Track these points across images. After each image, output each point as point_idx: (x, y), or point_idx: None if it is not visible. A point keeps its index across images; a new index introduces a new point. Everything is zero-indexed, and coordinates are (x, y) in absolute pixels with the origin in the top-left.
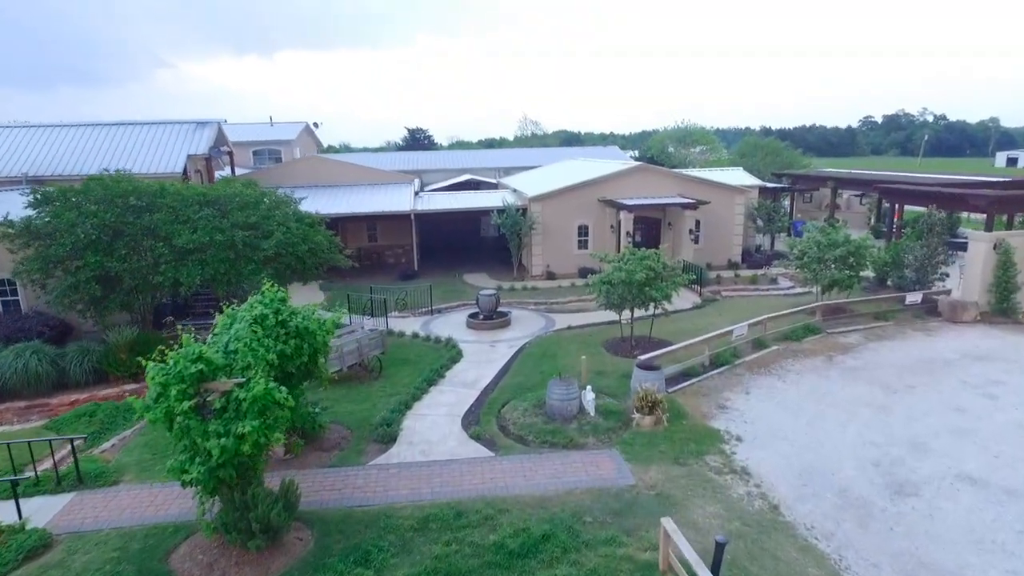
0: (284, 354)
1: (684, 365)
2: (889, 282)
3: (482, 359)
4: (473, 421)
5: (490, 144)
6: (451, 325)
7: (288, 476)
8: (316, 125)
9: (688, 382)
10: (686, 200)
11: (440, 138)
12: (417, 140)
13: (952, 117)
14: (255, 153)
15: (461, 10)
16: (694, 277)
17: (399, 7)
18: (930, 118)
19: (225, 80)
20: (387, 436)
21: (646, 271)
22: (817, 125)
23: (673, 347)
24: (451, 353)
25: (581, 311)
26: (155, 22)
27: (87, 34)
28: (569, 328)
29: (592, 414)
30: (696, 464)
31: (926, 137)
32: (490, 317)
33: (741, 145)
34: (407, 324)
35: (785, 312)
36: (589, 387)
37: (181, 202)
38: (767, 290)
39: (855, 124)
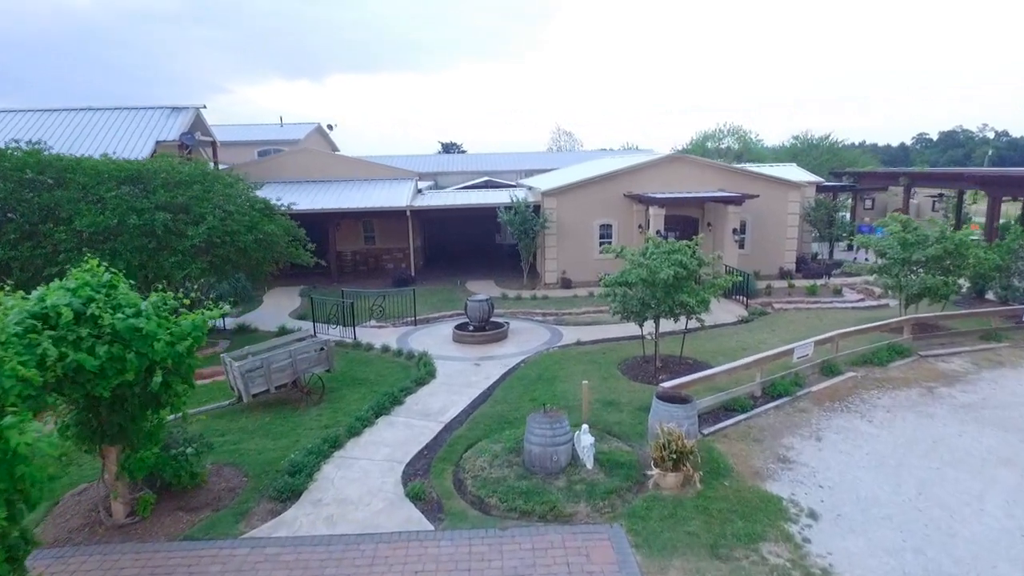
0: (81, 368)
1: (726, 396)
2: (990, 294)
3: (459, 381)
4: (420, 470)
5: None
6: (434, 338)
7: (104, 554)
8: (331, 127)
9: (732, 420)
10: (729, 194)
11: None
12: (449, 153)
13: (1015, 133)
14: (260, 153)
15: (502, 38)
16: (740, 279)
17: (443, 35)
18: (991, 135)
19: (277, 103)
20: (288, 490)
21: (675, 268)
22: (867, 143)
23: (711, 371)
24: (421, 372)
25: (596, 323)
26: (211, 51)
27: (146, 63)
28: (579, 344)
29: (589, 466)
30: (746, 559)
31: (989, 152)
32: (482, 328)
33: (792, 145)
34: (382, 336)
35: (860, 328)
36: (586, 427)
37: (94, 178)
38: (830, 303)
39: (908, 142)
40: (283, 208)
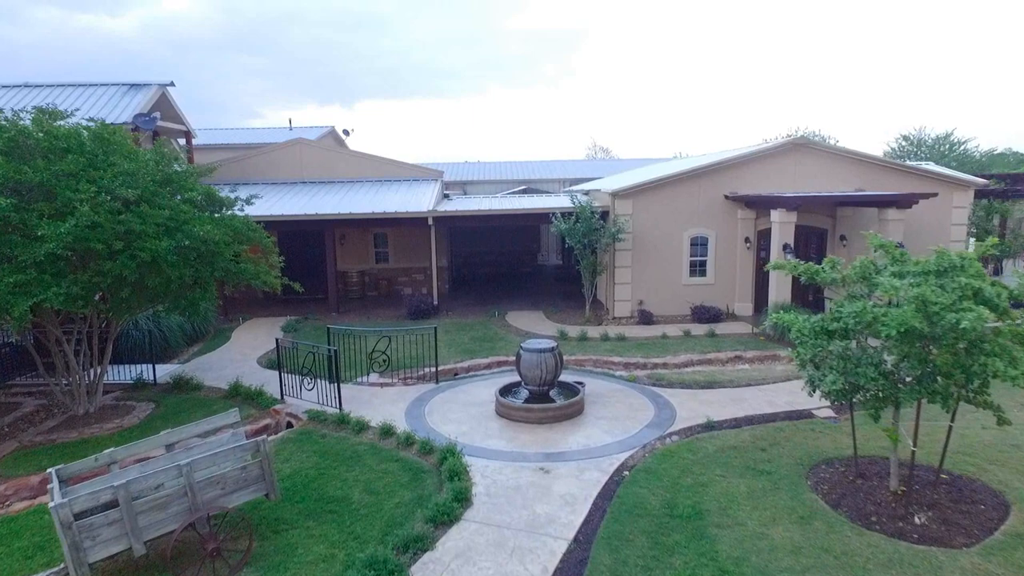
0: None
1: None
2: None
3: (515, 519)
4: None
5: None
6: (465, 408)
7: None
8: (347, 132)
9: None
10: (891, 194)
11: None
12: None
13: None
14: None
15: (533, 65)
16: None
17: (472, 63)
18: None
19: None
20: None
21: (978, 307)
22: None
23: None
24: (445, 497)
25: (716, 384)
26: (248, 78)
27: (183, 88)
28: (709, 427)
29: None
30: None
31: None
32: (543, 395)
33: (898, 144)
34: (384, 400)
35: None
36: None
37: None
38: None
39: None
40: (236, 201)
